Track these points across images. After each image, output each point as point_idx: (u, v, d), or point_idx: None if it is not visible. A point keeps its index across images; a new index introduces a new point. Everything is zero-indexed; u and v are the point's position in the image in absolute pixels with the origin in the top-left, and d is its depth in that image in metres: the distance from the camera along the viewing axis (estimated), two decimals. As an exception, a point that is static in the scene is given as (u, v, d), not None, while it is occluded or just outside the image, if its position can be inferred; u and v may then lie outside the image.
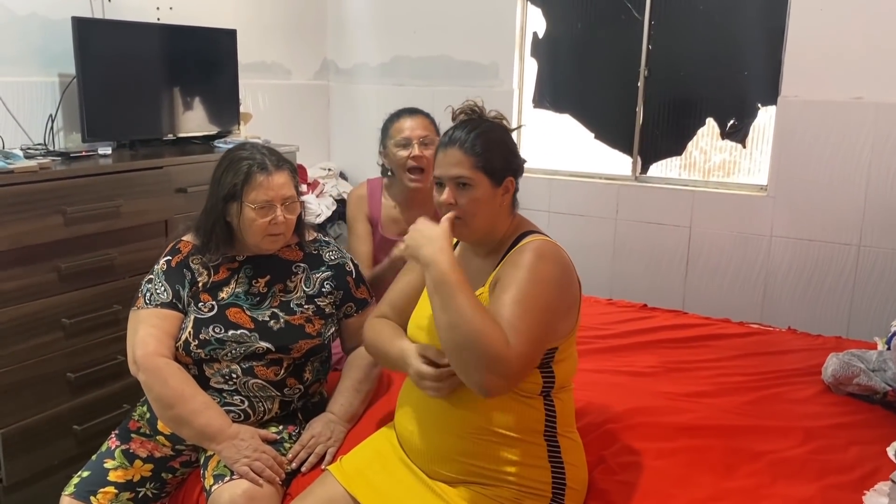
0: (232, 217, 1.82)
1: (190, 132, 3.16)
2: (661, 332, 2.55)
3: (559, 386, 1.56)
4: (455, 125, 1.60)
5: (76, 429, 2.42)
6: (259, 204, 1.78)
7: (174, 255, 1.90)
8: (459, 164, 1.53)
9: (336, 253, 1.99)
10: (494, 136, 1.57)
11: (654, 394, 2.05)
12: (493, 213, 1.56)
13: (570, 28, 3.73)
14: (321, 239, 2.01)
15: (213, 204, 1.84)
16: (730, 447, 1.77)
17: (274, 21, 3.89)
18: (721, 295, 3.42)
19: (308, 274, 1.92)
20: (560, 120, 3.82)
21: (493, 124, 1.61)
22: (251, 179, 1.78)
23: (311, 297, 1.90)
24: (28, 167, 2.24)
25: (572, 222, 3.72)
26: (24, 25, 2.71)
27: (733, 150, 3.46)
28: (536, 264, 1.46)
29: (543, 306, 1.43)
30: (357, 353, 1.97)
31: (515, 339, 1.36)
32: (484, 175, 1.53)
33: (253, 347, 1.80)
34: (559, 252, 1.53)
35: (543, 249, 1.50)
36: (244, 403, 1.81)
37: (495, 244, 1.61)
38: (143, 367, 1.74)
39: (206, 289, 1.85)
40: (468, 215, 1.54)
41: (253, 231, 1.81)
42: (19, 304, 2.23)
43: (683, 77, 3.48)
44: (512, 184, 1.58)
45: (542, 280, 1.45)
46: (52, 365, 2.34)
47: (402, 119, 2.36)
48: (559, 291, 1.49)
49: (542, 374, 1.53)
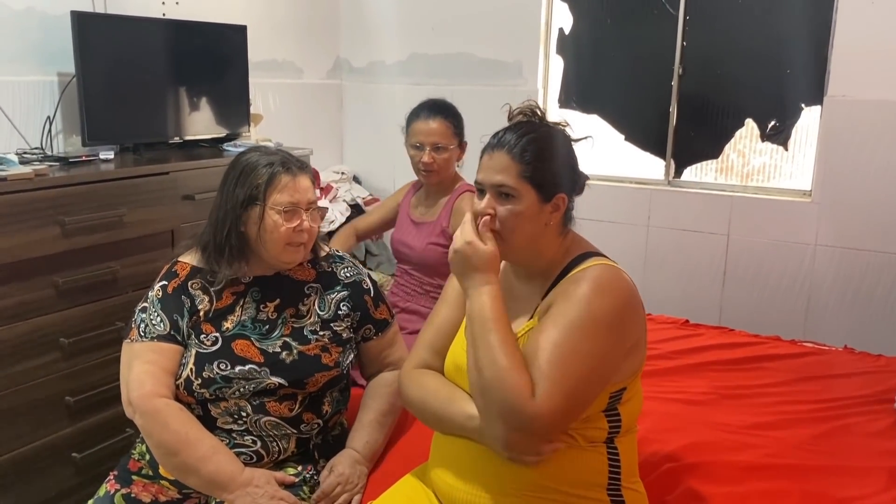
0: (249, 224, 1.63)
1: (197, 135, 2.99)
2: (709, 352, 2.36)
3: (625, 430, 1.37)
4: (507, 126, 1.41)
5: (76, 457, 2.26)
6: (284, 206, 1.61)
7: (170, 280, 1.69)
8: (504, 170, 1.34)
9: (352, 269, 1.80)
10: (551, 144, 1.38)
11: (711, 426, 1.86)
12: (537, 231, 1.36)
13: (599, 23, 3.56)
14: (334, 254, 1.82)
15: (227, 212, 1.64)
16: (807, 492, 1.58)
17: (285, 17, 3.72)
18: (761, 308, 3.24)
19: (322, 295, 1.73)
20: (588, 121, 3.65)
21: (551, 130, 1.41)
22: (275, 180, 1.61)
23: (326, 322, 1.70)
24: (23, 174, 2.07)
25: (601, 229, 3.49)
26: (21, 21, 2.53)
27: (774, 153, 3.28)
28: (592, 300, 1.27)
29: (591, 352, 1.25)
30: (379, 381, 1.80)
31: (547, 391, 1.20)
32: (531, 187, 1.34)
33: (264, 384, 1.61)
34: (622, 281, 1.33)
35: (604, 279, 1.30)
36: (256, 444, 1.62)
37: (542, 267, 1.40)
38: (140, 411, 1.55)
39: (209, 318, 1.66)
40: (506, 230, 1.35)
41: (275, 239, 1.62)
42: (13, 322, 2.08)
43: (720, 75, 3.31)
44: (563, 202, 1.38)
45: (595, 320, 1.26)
46: (49, 388, 2.19)
47: (420, 121, 2.38)
48: (617, 334, 1.30)
49: (607, 418, 1.34)
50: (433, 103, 2.41)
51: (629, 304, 1.32)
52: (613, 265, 1.37)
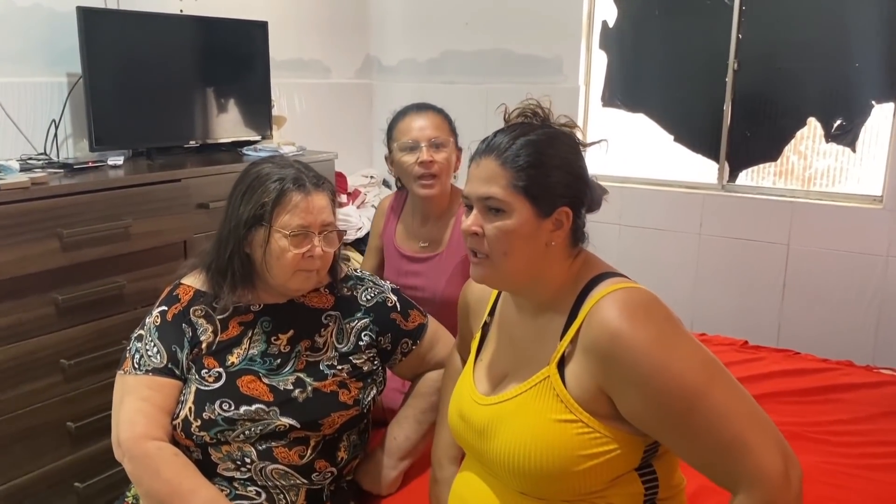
0: (254, 248, 1.45)
1: (215, 138, 2.83)
2: (775, 380, 2.12)
3: (667, 492, 1.16)
4: (499, 129, 1.19)
5: (78, 486, 2.12)
6: (293, 230, 1.42)
7: (171, 305, 1.51)
8: (491, 179, 1.13)
9: (373, 290, 1.61)
10: (550, 147, 1.15)
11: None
12: (536, 253, 1.14)
13: (646, 15, 3.35)
14: (353, 274, 1.63)
15: (230, 231, 1.46)
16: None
17: (311, 13, 3.55)
18: (825, 326, 2.98)
19: (341, 325, 1.54)
20: (633, 120, 3.45)
21: (553, 132, 1.18)
22: (284, 199, 1.42)
23: (345, 356, 1.51)
24: (18, 183, 1.93)
25: (647, 237, 3.31)
26: (27, 18, 2.39)
27: (840, 155, 3.03)
28: (651, 348, 1.04)
29: (711, 371, 1.05)
30: (425, 379, 1.66)
31: (759, 465, 1.01)
32: (524, 198, 1.12)
33: (272, 425, 1.41)
34: (650, 298, 1.11)
35: (629, 314, 1.07)
36: (261, 496, 1.42)
37: (548, 298, 1.18)
38: (130, 455, 1.37)
39: (212, 351, 1.47)
40: (497, 253, 1.13)
41: (281, 265, 1.43)
42: (9, 343, 1.95)
43: (780, 70, 3.07)
44: (568, 217, 1.15)
45: (674, 352, 1.04)
46: (48, 413, 2.05)
47: (409, 117, 2.00)
48: (688, 334, 1.09)
49: (642, 478, 1.13)
50: (419, 103, 2.06)
51: (670, 316, 1.11)
52: (636, 286, 1.14)
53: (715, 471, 1.05)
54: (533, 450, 1.09)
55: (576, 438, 1.08)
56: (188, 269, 1.58)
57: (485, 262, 1.16)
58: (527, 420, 1.12)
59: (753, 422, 1.04)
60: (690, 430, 1.03)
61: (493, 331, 1.30)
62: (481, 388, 1.24)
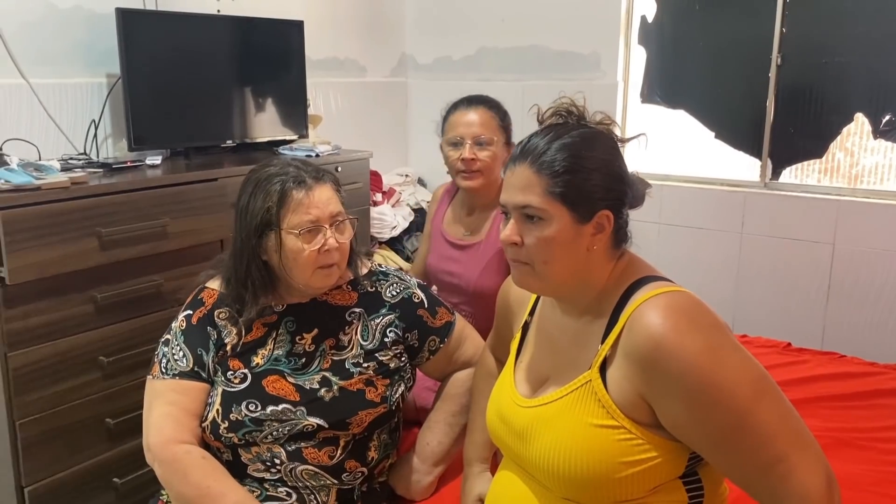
0: (269, 253, 1.44)
1: (252, 138, 2.84)
2: (820, 383, 2.06)
3: (711, 500, 1.12)
4: (534, 132, 1.15)
5: (116, 482, 2.15)
6: (303, 228, 1.41)
7: (196, 309, 1.52)
8: (528, 188, 1.10)
9: (398, 285, 1.59)
10: (587, 149, 1.11)
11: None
12: (578, 259, 1.11)
13: (686, 9, 3.28)
14: (377, 270, 1.61)
15: (243, 242, 1.45)
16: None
17: (347, 12, 3.55)
18: (871, 329, 2.88)
19: (365, 321, 1.52)
20: (673, 116, 3.39)
21: (590, 132, 1.14)
22: (287, 199, 1.42)
23: (370, 353, 1.50)
24: (58, 182, 1.95)
25: (688, 236, 3.24)
26: (67, 20, 2.43)
27: (889, 152, 2.93)
28: (698, 360, 1.00)
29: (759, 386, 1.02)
30: (452, 382, 1.64)
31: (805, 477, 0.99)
32: (562, 206, 1.09)
33: (300, 425, 1.41)
34: (695, 304, 1.08)
35: (674, 322, 1.03)
36: (291, 496, 1.42)
37: (591, 300, 1.15)
38: (159, 459, 1.39)
39: (237, 353, 1.47)
40: (538, 262, 1.11)
41: (301, 266, 1.42)
42: (48, 341, 1.97)
43: (826, 65, 2.98)
44: (609, 220, 1.11)
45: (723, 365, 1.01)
46: (87, 410, 2.07)
47: (459, 112, 2.04)
48: (738, 345, 1.06)
49: (686, 486, 1.10)
50: (473, 96, 2.08)
51: (718, 324, 1.07)
52: (680, 289, 1.10)
53: (757, 489, 1.02)
54: (573, 455, 1.07)
55: (617, 445, 1.05)
56: (207, 277, 1.58)
57: (526, 270, 1.13)
58: (567, 424, 1.10)
59: (798, 441, 1.01)
60: (735, 447, 1.00)
61: (533, 332, 1.28)
62: (521, 390, 1.22)
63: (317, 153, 2.77)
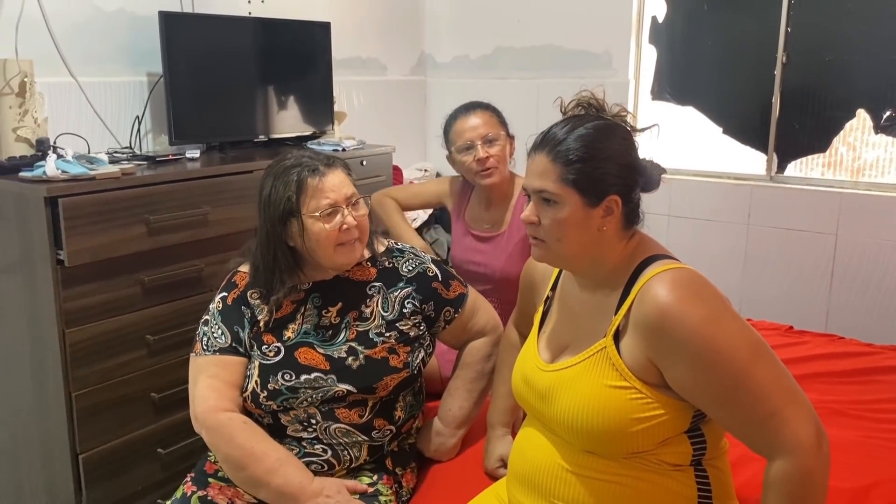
0: (294, 238, 1.57)
1: (282, 133, 2.98)
2: (816, 362, 2.18)
3: (713, 451, 1.25)
4: (556, 122, 1.28)
5: (161, 452, 2.27)
6: (322, 210, 1.54)
7: (230, 291, 1.67)
8: (544, 174, 1.23)
9: (414, 261, 1.72)
10: (601, 140, 1.24)
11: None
12: (590, 239, 1.24)
13: (695, 10, 3.38)
14: (394, 247, 1.75)
15: (268, 232, 1.58)
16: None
17: (369, 13, 3.69)
18: (873, 315, 2.99)
19: (385, 294, 1.66)
20: (683, 113, 3.48)
21: (605, 124, 1.27)
22: (304, 187, 1.55)
23: (391, 323, 1.64)
24: (110, 173, 2.10)
25: (696, 228, 3.36)
26: (112, 22, 2.58)
27: (890, 146, 3.02)
28: (700, 326, 1.12)
29: (755, 350, 1.14)
30: (468, 351, 1.76)
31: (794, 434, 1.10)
32: (574, 191, 1.22)
33: (332, 391, 1.56)
34: (698, 278, 1.20)
35: (680, 293, 1.15)
36: (327, 453, 1.57)
37: (605, 275, 1.28)
38: (205, 426, 1.54)
39: (269, 328, 1.62)
40: (552, 240, 1.24)
41: (324, 245, 1.56)
42: (100, 320, 2.10)
43: (829, 62, 3.07)
44: (617, 204, 1.24)
45: (722, 331, 1.13)
46: (135, 384, 2.20)
47: (460, 120, 2.20)
48: (736, 314, 1.18)
49: (691, 439, 1.22)
50: (467, 103, 2.24)
51: (719, 295, 1.19)
52: (684, 266, 1.23)
53: (754, 440, 1.14)
54: (590, 412, 1.19)
55: (629, 403, 1.18)
56: (236, 264, 1.72)
57: (542, 246, 1.27)
58: (585, 386, 1.22)
59: (791, 397, 1.12)
60: (733, 403, 1.13)
61: (555, 305, 1.40)
62: (544, 357, 1.34)
63: (343, 147, 2.90)
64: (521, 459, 1.35)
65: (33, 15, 2.36)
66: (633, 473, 1.20)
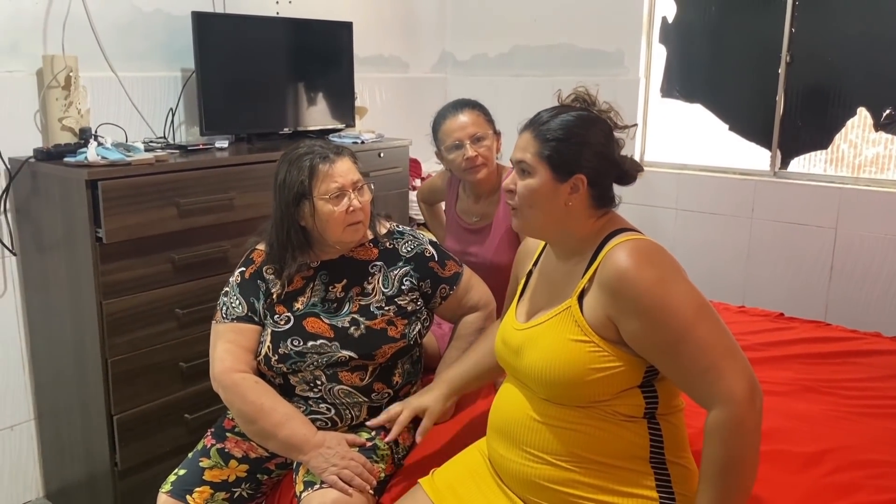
0: (306, 218, 1.75)
1: (306, 126, 3.15)
2: (800, 345, 2.29)
3: (666, 407, 1.39)
4: (546, 108, 1.45)
5: (187, 417, 2.45)
6: (331, 193, 1.71)
7: (248, 266, 1.84)
8: (525, 147, 1.40)
9: (412, 242, 1.89)
10: (579, 127, 1.39)
11: (787, 415, 1.82)
12: (557, 211, 1.39)
13: (703, 11, 3.47)
14: (395, 230, 1.91)
15: (282, 214, 1.76)
16: (882, 487, 1.53)
17: (391, 13, 3.85)
18: (870, 306, 3.07)
19: (385, 272, 1.83)
20: (690, 110, 3.57)
21: (588, 116, 1.42)
22: (316, 172, 1.72)
23: (391, 298, 1.81)
24: (145, 159, 2.28)
25: (703, 221, 3.46)
26: (150, 21, 2.77)
27: (889, 143, 3.10)
28: (652, 287, 1.27)
29: (699, 311, 1.27)
30: (464, 323, 1.91)
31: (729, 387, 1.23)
32: (546, 166, 1.37)
33: (335, 357, 1.73)
34: (655, 247, 1.35)
35: (637, 258, 1.30)
36: (330, 411, 1.75)
37: (575, 246, 1.43)
38: (222, 384, 1.71)
39: (281, 300, 1.79)
40: (523, 205, 1.41)
41: (332, 225, 1.73)
42: (135, 293, 2.27)
43: (832, 62, 3.16)
44: (583, 183, 1.38)
45: (671, 292, 1.27)
46: (165, 354, 2.37)
47: (449, 119, 2.26)
48: (685, 277, 1.31)
49: (643, 393, 1.36)
50: (455, 101, 2.32)
51: (673, 263, 1.33)
52: (644, 238, 1.37)
53: (694, 390, 1.28)
54: (554, 363, 1.34)
55: (588, 355, 1.32)
56: (254, 243, 1.89)
57: (517, 214, 1.43)
58: (550, 340, 1.37)
59: (729, 354, 1.25)
60: (677, 356, 1.27)
61: (535, 275, 1.56)
62: (520, 318, 1.50)
63: (362, 140, 3.06)
64: (497, 412, 1.51)
65: (79, 14, 2.56)
66: (592, 422, 1.35)
